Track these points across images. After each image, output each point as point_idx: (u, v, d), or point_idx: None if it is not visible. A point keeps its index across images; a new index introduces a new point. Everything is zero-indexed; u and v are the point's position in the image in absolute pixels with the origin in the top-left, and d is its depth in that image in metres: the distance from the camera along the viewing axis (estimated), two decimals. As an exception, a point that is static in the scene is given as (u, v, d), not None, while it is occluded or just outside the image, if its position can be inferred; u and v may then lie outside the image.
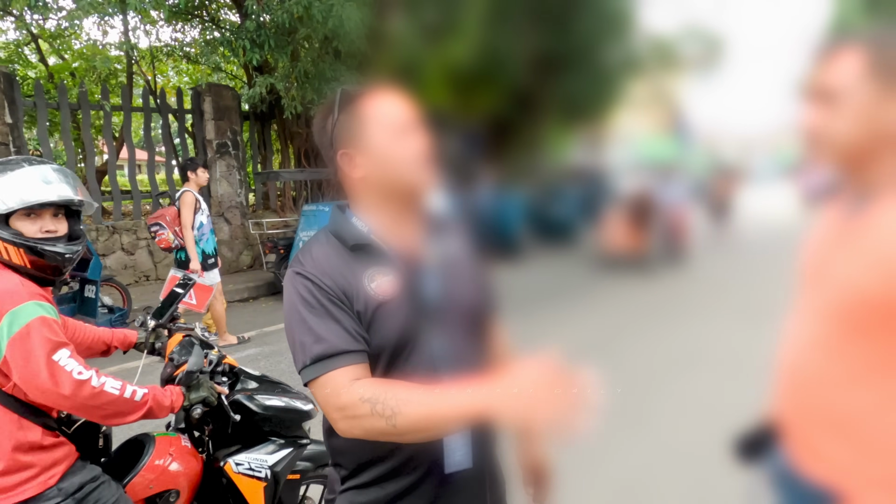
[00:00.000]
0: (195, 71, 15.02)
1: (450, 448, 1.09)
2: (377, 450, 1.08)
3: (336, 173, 1.15)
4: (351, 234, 1.10)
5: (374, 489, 1.11)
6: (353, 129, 1.10)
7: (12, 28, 12.07)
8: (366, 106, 1.10)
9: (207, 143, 9.67)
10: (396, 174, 1.09)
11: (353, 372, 1.01)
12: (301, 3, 7.14)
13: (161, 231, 5.37)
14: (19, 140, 7.72)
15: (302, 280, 1.06)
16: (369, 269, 1.08)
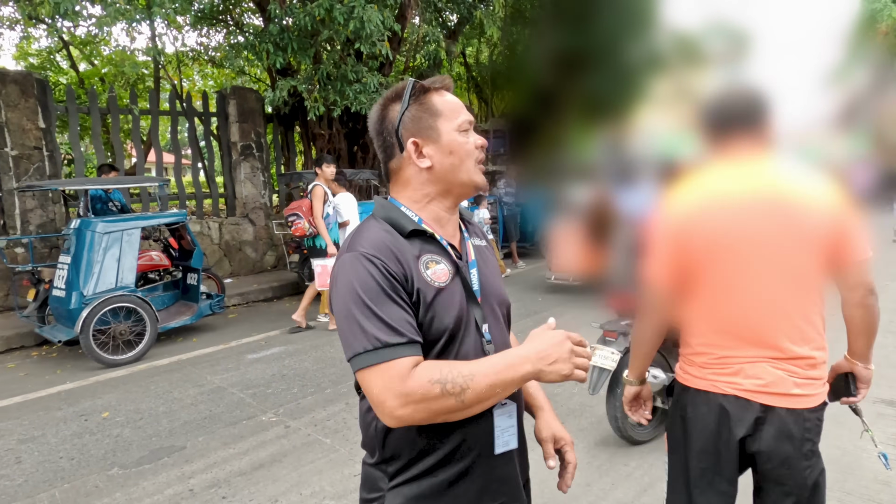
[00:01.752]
0: (220, 75, 15.27)
1: (500, 429, 1.14)
2: (429, 439, 1.10)
3: (387, 162, 1.18)
4: (407, 220, 1.13)
5: (428, 479, 1.11)
6: (425, 120, 1.13)
7: (44, 35, 12.43)
8: (437, 100, 1.15)
9: (232, 145, 9.82)
10: (462, 169, 1.15)
11: (414, 361, 1.01)
12: (323, 5, 7.20)
13: (298, 220, 6.00)
14: (52, 144, 7.94)
15: (366, 262, 1.04)
16: (423, 255, 1.11)
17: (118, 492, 3.08)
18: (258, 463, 3.35)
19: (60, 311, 5.52)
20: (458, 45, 13.44)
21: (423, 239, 1.13)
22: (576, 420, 3.73)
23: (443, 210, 1.18)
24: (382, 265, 1.04)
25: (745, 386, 1.54)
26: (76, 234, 5.56)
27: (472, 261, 1.19)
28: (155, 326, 5.68)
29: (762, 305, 1.52)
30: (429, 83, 1.16)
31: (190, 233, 6.54)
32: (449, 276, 1.11)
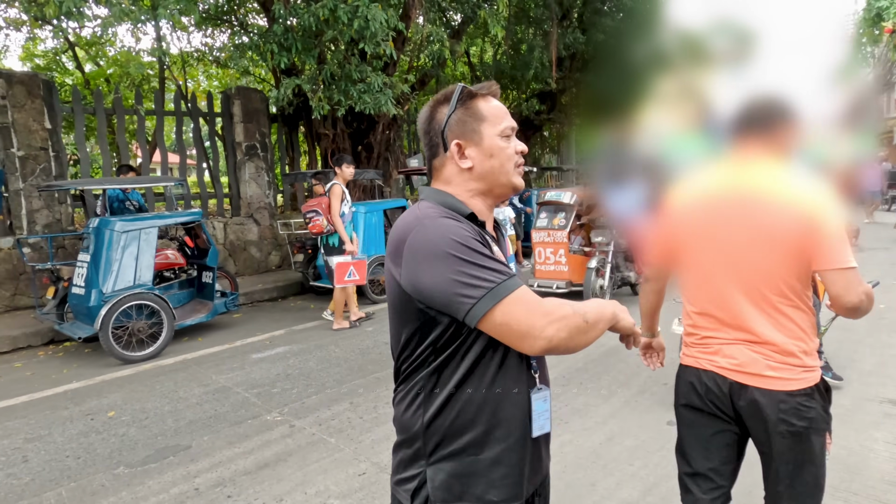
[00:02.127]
0: (224, 75, 15.31)
1: (536, 413, 1.21)
2: (470, 419, 1.16)
3: (432, 160, 1.27)
4: (462, 206, 1.21)
5: (469, 457, 1.17)
6: (469, 124, 1.22)
7: (50, 36, 12.48)
8: (483, 106, 1.23)
9: (237, 145, 9.85)
10: (501, 171, 1.23)
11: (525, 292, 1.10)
12: (327, 5, 7.21)
13: (316, 217, 6.22)
14: (58, 144, 7.98)
15: (451, 222, 1.12)
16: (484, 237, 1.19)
17: (124, 490, 3.10)
18: (263, 462, 3.36)
19: (80, 308, 5.63)
20: (461, 45, 13.43)
21: (477, 223, 1.21)
22: (580, 420, 3.72)
23: (484, 207, 1.26)
24: (468, 225, 1.14)
25: (722, 364, 1.71)
26: (95, 233, 5.67)
27: (511, 255, 1.31)
28: (172, 324, 5.77)
29: (736, 294, 1.65)
30: (476, 89, 1.24)
31: (205, 231, 6.68)
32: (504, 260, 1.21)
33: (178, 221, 6.53)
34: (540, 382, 1.22)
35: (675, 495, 2.80)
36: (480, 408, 1.16)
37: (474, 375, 1.16)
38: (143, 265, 5.74)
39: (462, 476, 1.17)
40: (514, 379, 1.19)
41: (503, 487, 1.18)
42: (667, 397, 4.03)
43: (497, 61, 15.61)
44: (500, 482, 1.17)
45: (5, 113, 7.35)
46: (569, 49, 13.64)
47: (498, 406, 1.16)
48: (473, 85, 1.25)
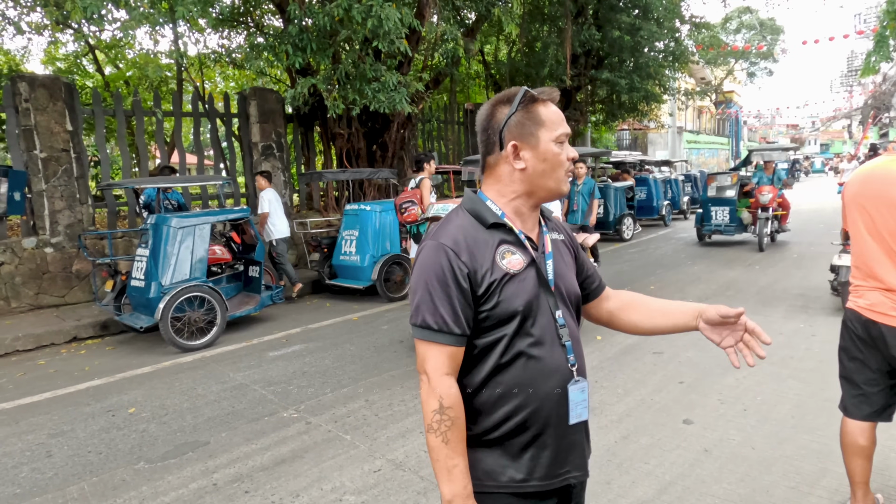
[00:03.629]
0: (241, 76, 15.46)
1: (573, 402, 1.27)
2: (510, 404, 1.23)
3: (486, 157, 1.32)
4: (489, 213, 1.27)
5: (506, 442, 1.24)
6: (528, 126, 1.25)
7: (71, 40, 12.70)
8: (542, 111, 1.26)
9: (253, 145, 9.94)
10: (552, 176, 1.27)
11: (446, 352, 1.20)
12: (341, 5, 7.24)
13: (412, 207, 6.68)
14: (79, 146, 8.12)
15: (444, 251, 1.21)
16: (501, 245, 1.25)
17: (144, 485, 3.15)
18: (280, 458, 3.40)
19: (139, 300, 5.96)
20: (476, 43, 13.41)
21: (503, 231, 1.27)
22: (595, 418, 3.71)
23: (525, 207, 1.30)
24: (455, 257, 1.20)
25: (861, 305, 2.33)
26: (153, 228, 5.98)
27: (549, 252, 1.31)
28: (224, 315, 6.07)
29: (875, 250, 2.25)
30: (538, 94, 1.27)
31: (253, 227, 7.01)
32: (523, 265, 1.25)
33: (229, 218, 6.91)
34: (578, 375, 1.28)
35: (690, 494, 2.79)
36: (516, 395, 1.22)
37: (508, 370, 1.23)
38: (197, 259, 6.09)
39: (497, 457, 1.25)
40: (551, 371, 1.24)
41: (535, 468, 1.25)
42: (683, 396, 4.00)
43: (511, 59, 15.57)
44: (529, 462, 1.24)
45: (28, 116, 7.50)
46: (584, 46, 13.55)
47: (534, 395, 1.23)
48: (538, 89, 1.29)
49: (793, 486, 2.80)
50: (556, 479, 1.27)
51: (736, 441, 3.30)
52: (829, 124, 56.05)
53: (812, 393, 3.91)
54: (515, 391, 1.22)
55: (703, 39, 17.55)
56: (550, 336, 1.26)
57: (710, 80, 34.75)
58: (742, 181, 10.92)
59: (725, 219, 10.69)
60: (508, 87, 6.29)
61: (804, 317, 5.75)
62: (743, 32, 36.06)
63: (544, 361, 1.24)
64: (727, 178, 11.12)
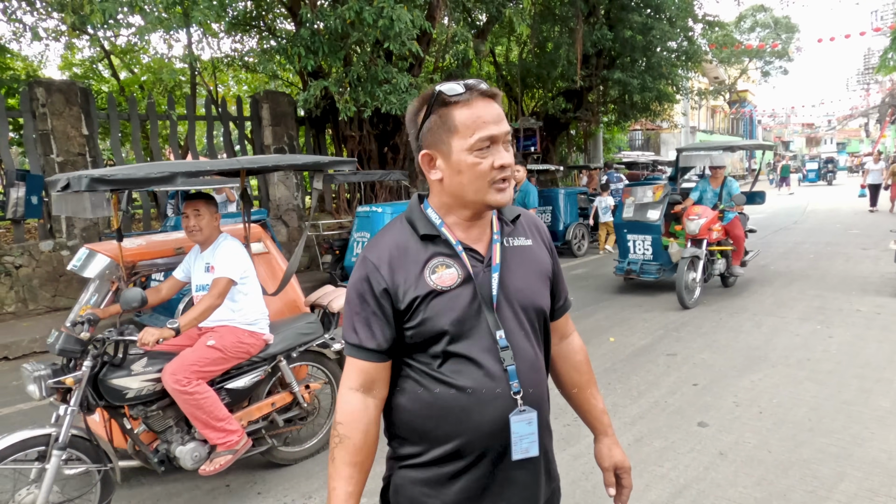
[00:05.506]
0: (253, 79, 15.57)
1: (517, 436, 1.12)
2: (445, 430, 1.12)
3: (418, 162, 1.19)
4: (423, 224, 1.16)
5: (434, 468, 1.13)
6: (439, 134, 1.10)
7: (87, 46, 12.88)
8: (456, 115, 1.08)
9: (265, 148, 10.01)
10: (471, 189, 1.11)
11: (357, 366, 1.15)
12: (353, 7, 7.28)
13: None
14: (94, 150, 8.22)
15: (366, 265, 1.15)
16: (434, 259, 1.13)
17: (158, 486, 3.17)
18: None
19: None
20: (487, 44, 13.40)
21: (438, 242, 1.14)
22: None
23: (462, 219, 1.16)
24: (375, 273, 1.13)
25: None
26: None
27: (496, 265, 1.15)
28: None
29: None
30: (459, 90, 1.08)
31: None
32: (456, 281, 1.12)
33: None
34: (525, 404, 1.12)
35: (705, 497, 2.76)
36: (443, 422, 1.11)
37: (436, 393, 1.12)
38: None
39: (421, 484, 1.14)
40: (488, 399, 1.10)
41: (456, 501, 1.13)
42: (697, 398, 3.95)
43: (523, 60, 15.54)
44: (456, 496, 1.12)
45: (45, 120, 7.61)
46: (595, 46, 13.49)
47: (469, 421, 1.10)
48: (464, 81, 1.10)
49: (810, 491, 2.76)
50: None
51: (751, 444, 3.25)
52: (845, 123, 55.31)
53: (829, 395, 3.85)
54: (442, 418, 1.10)
55: (717, 38, 17.41)
56: (489, 360, 1.11)
57: (723, 80, 34.49)
58: (671, 199, 7.39)
59: (646, 253, 7.29)
60: (519, 88, 6.30)
61: (821, 318, 5.66)
62: (757, 31, 35.72)
63: (477, 388, 1.09)
64: (648, 192, 7.47)
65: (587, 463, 3.14)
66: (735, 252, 7.08)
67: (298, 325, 3.40)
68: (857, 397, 3.79)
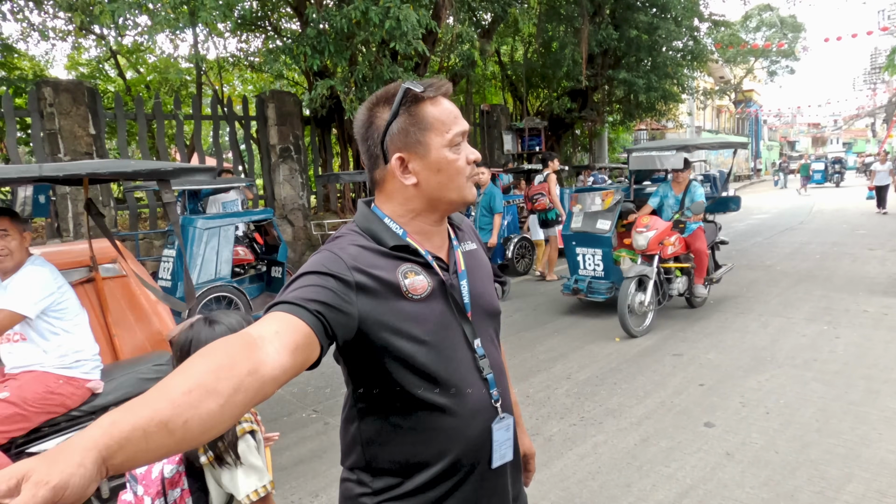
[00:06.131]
0: (259, 79, 15.60)
1: (497, 443, 1.10)
2: (433, 451, 1.05)
3: (373, 171, 1.10)
4: (389, 235, 1.07)
5: (420, 496, 1.06)
6: (413, 134, 1.04)
7: (94, 45, 12.93)
8: (429, 111, 1.05)
9: (271, 148, 10.03)
10: (451, 187, 1.07)
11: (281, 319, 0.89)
12: (358, 7, 7.30)
13: (542, 198, 8.00)
14: (101, 150, 8.25)
15: (329, 255, 1.01)
16: (403, 264, 1.05)
17: (166, 484, 3.19)
18: (299, 458, 3.42)
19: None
20: (492, 44, 13.40)
21: (407, 253, 1.07)
22: (614, 420, 3.68)
23: (428, 224, 1.11)
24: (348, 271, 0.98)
25: None
26: (180, 229, 5.98)
27: (462, 271, 1.13)
28: (249, 314, 5.99)
29: None
30: (423, 90, 1.04)
31: (276, 228, 7.14)
32: (426, 289, 1.05)
33: (253, 219, 7.04)
34: (503, 411, 1.10)
35: (712, 498, 2.75)
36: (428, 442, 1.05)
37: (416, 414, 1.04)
38: (222, 259, 6.18)
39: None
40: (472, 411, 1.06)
41: None
42: (703, 398, 3.95)
43: (528, 59, 15.53)
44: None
45: (53, 120, 7.65)
46: (601, 45, 13.47)
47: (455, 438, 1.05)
48: (424, 81, 1.06)
49: (818, 491, 2.75)
50: None
51: (758, 444, 3.25)
52: (851, 123, 55.07)
53: (836, 396, 3.83)
54: (430, 440, 1.04)
55: (723, 38, 17.39)
56: (469, 371, 1.07)
57: (729, 79, 34.38)
58: (624, 207, 6.43)
59: (597, 269, 6.36)
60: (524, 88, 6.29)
61: (828, 318, 5.64)
62: (763, 30, 35.56)
63: (463, 403, 1.05)
64: (597, 200, 6.55)
65: (594, 463, 3.14)
66: (697, 269, 6.09)
67: (142, 369, 2.80)
68: (864, 398, 3.77)
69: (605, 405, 3.93)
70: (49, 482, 0.55)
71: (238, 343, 0.81)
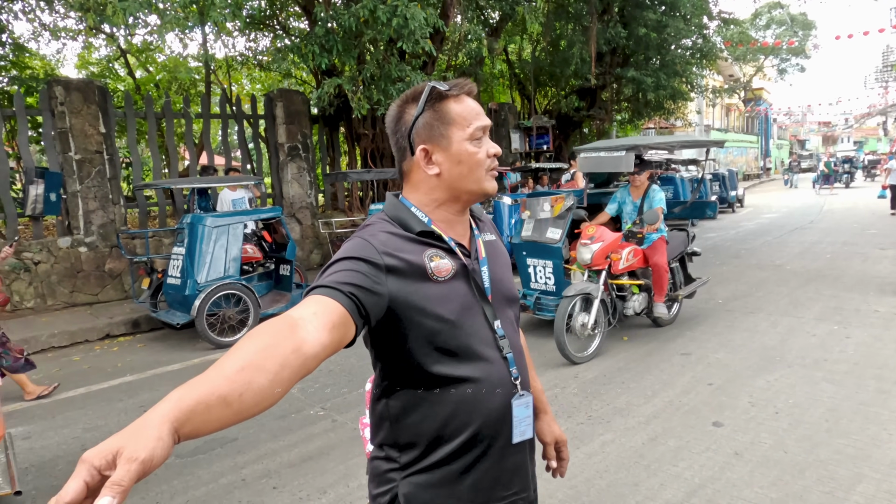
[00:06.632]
0: (267, 78, 15.66)
1: (517, 419, 1.17)
2: (455, 425, 1.12)
3: (401, 162, 1.20)
4: (416, 222, 1.15)
5: (444, 468, 1.13)
6: (437, 127, 1.14)
7: (104, 45, 13.03)
8: (452, 108, 1.14)
9: (279, 146, 10.07)
10: (471, 178, 1.16)
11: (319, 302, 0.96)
12: (366, 6, 7.31)
13: None
14: (111, 148, 8.32)
15: (365, 249, 1.06)
16: (429, 249, 1.13)
17: (176, 479, 3.22)
18: (307, 455, 3.43)
19: (176, 297, 6.10)
20: (500, 42, 13.37)
21: (432, 239, 1.15)
22: (622, 419, 3.67)
23: (451, 214, 1.20)
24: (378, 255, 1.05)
25: None
26: (189, 227, 6.12)
27: (483, 258, 1.21)
28: (258, 312, 6.20)
29: None
30: (448, 89, 1.14)
31: (284, 226, 7.15)
32: (450, 272, 1.13)
33: (261, 217, 7.09)
34: (522, 388, 1.18)
35: (720, 497, 2.75)
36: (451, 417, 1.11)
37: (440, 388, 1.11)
38: (231, 257, 6.23)
39: (432, 486, 1.13)
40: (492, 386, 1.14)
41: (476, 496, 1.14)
42: (712, 398, 3.93)
43: (536, 58, 15.49)
44: (469, 491, 1.14)
45: (64, 118, 7.71)
46: (609, 44, 13.41)
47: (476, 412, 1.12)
48: (450, 81, 1.17)
49: (827, 492, 2.74)
50: (501, 503, 1.18)
51: (767, 444, 3.23)
52: (863, 121, 54.54)
53: (846, 396, 3.81)
54: (453, 412, 1.11)
55: (732, 36, 17.24)
56: (490, 349, 1.15)
57: (738, 78, 34.13)
58: (576, 215, 5.75)
59: (548, 283, 5.72)
60: (532, 86, 6.29)
61: (838, 318, 5.60)
62: (773, 28, 35.30)
63: (485, 377, 1.13)
64: (546, 206, 5.84)
65: (602, 461, 3.13)
66: (655, 286, 5.39)
67: None
68: (874, 398, 3.75)
69: (613, 404, 3.93)
70: (138, 457, 0.64)
71: (282, 325, 0.89)
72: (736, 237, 12.14)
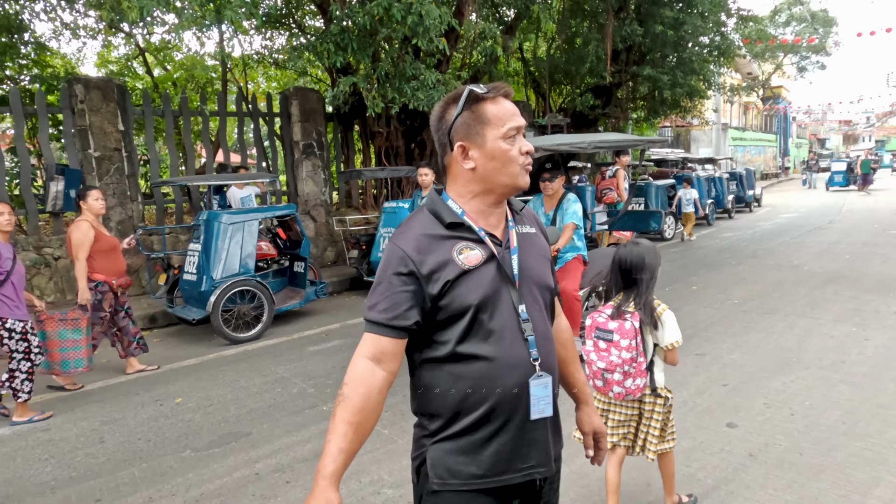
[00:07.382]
0: (283, 76, 15.76)
1: (535, 398, 1.26)
2: (469, 401, 1.24)
3: (442, 157, 1.33)
4: (448, 213, 1.28)
5: (467, 436, 1.25)
6: (474, 126, 1.26)
7: (123, 43, 13.19)
8: (488, 109, 1.26)
9: (294, 144, 10.14)
10: (504, 173, 1.27)
11: (376, 340, 1.23)
12: (381, 4, 7.32)
13: (611, 193, 8.27)
14: (129, 146, 8.43)
15: (394, 252, 1.25)
16: (459, 243, 1.26)
17: (191, 472, 3.26)
18: (320, 450, 3.43)
19: (191, 293, 6.15)
20: (514, 41, 13.33)
21: (462, 229, 1.27)
22: (635, 419, 3.65)
23: (485, 205, 1.31)
24: (404, 257, 1.23)
25: None
26: (205, 224, 6.18)
27: (514, 248, 1.31)
28: (272, 308, 6.26)
29: None
30: (485, 91, 1.26)
31: (299, 224, 7.21)
32: (480, 260, 1.25)
33: (276, 214, 7.12)
34: (541, 370, 1.27)
35: (734, 499, 2.72)
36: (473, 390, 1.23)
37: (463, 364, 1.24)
38: (246, 254, 6.27)
39: (456, 453, 1.25)
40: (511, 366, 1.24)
41: (495, 464, 1.25)
42: (726, 398, 3.90)
43: (551, 56, 15.41)
44: (489, 459, 1.25)
45: (83, 116, 7.83)
46: (625, 42, 13.31)
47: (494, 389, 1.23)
48: (488, 84, 1.28)
49: (843, 495, 2.70)
50: (518, 474, 1.27)
51: (782, 446, 3.20)
52: (884, 120, 53.56)
53: (864, 398, 3.75)
54: (472, 386, 1.23)
55: (750, 33, 17.05)
56: (511, 331, 1.25)
57: (757, 75, 33.68)
58: None
59: None
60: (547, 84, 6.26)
61: (857, 320, 5.52)
62: (793, 25, 34.77)
63: (502, 356, 1.23)
64: None
65: (613, 461, 3.12)
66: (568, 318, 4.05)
67: None
68: (893, 401, 3.69)
69: (626, 404, 3.90)
70: None
71: (367, 373, 1.22)
72: (753, 237, 12.00)
